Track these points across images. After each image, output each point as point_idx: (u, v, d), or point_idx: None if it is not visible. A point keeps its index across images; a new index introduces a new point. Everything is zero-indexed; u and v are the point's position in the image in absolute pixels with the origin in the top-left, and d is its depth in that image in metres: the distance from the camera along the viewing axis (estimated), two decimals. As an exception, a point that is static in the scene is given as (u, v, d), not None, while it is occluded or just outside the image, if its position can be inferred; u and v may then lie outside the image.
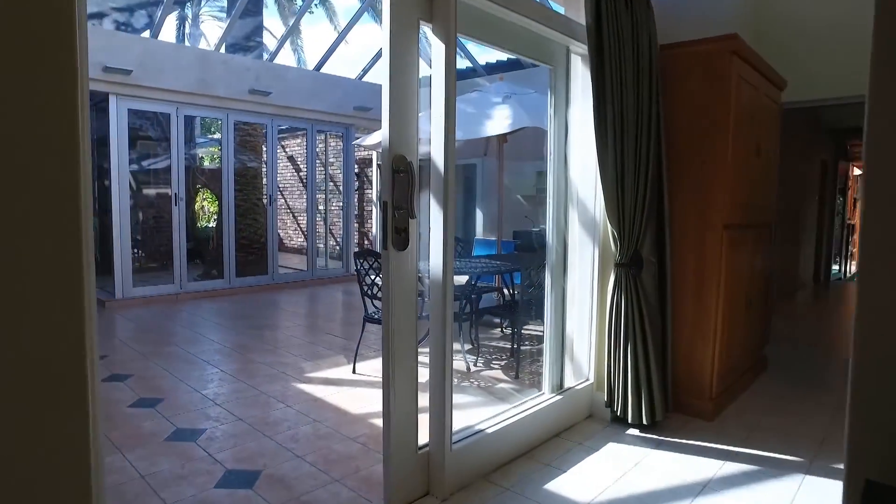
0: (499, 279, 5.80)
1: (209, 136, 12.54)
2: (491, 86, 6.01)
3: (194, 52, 7.30)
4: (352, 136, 9.50)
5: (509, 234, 9.19)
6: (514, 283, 5.60)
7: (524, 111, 5.05)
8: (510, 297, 5.49)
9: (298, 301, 7.66)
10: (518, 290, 4.95)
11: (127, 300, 6.96)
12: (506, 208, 9.26)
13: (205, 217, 12.75)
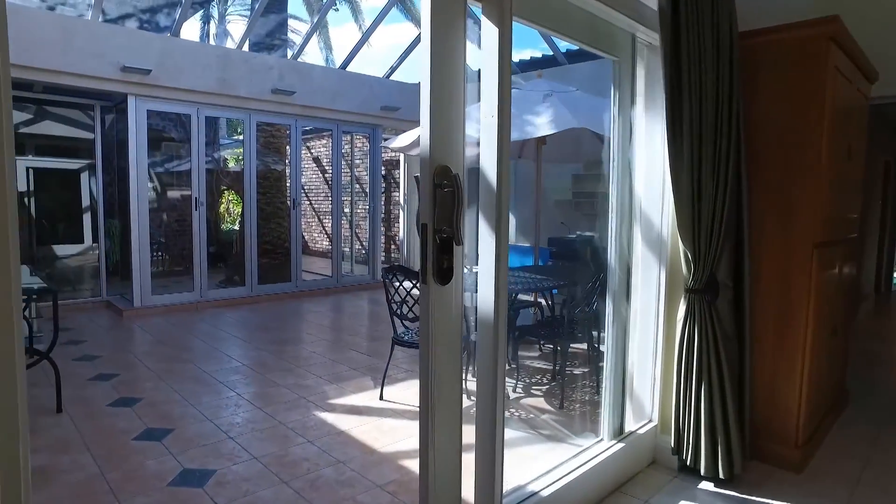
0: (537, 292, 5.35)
1: (234, 137, 12.33)
2: (528, 84, 5.56)
3: (215, 51, 7.00)
4: (379, 136, 9.12)
5: (543, 239, 8.72)
6: (553, 297, 5.15)
7: (568, 111, 4.59)
8: (551, 313, 5.03)
9: (322, 311, 7.30)
10: (561, 306, 4.50)
11: (146, 309, 6.69)
12: (541, 213, 8.79)
13: (229, 219, 12.54)
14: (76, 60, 5.93)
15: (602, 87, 7.17)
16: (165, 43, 6.55)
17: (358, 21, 12.46)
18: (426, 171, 1.75)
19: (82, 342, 5.43)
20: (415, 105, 9.20)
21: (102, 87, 6.24)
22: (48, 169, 8.84)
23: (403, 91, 9.08)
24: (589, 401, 4.08)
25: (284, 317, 6.83)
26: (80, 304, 6.97)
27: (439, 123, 1.75)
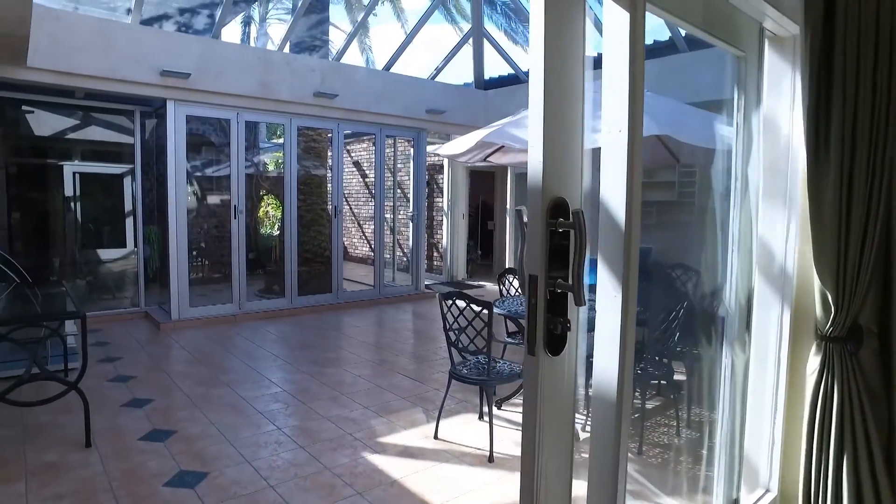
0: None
1: (273, 140, 12.13)
2: (593, 83, 5.05)
3: (256, 53, 6.72)
4: (423, 140, 8.73)
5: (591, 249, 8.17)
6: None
7: (648, 116, 4.06)
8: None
9: (364, 326, 6.94)
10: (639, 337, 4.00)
11: (183, 321, 6.44)
12: (596, 220, 8.24)
13: (269, 223, 12.36)
14: (116, 65, 5.71)
15: (668, 86, 6.61)
16: (205, 46, 6.29)
17: (400, 19, 12.14)
18: (536, 206, 1.31)
19: (118, 359, 5.18)
20: (461, 108, 8.80)
21: (141, 93, 6.01)
22: (93, 174, 8.77)
23: (449, 93, 8.67)
24: (672, 447, 3.58)
25: (325, 332, 6.49)
26: (119, 315, 6.78)
27: (555, 142, 1.31)
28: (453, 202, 10.50)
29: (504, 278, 4.65)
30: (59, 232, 7.30)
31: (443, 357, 5.43)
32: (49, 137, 8.20)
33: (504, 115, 9.08)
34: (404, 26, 12.32)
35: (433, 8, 8.39)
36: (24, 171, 8.09)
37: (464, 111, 8.87)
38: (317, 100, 7.22)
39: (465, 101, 8.91)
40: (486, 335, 3.30)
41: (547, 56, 1.27)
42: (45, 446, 3.38)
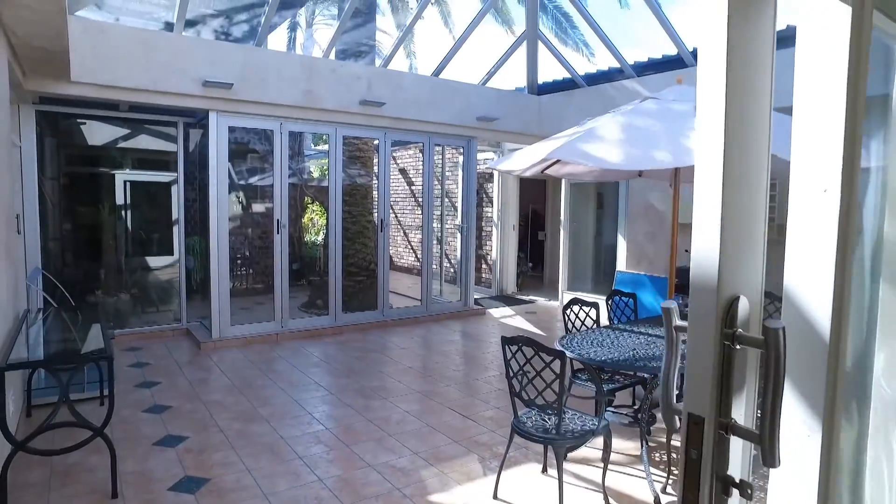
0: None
1: (317, 148, 11.95)
2: (667, 93, 4.51)
3: (300, 61, 6.44)
4: (474, 149, 8.30)
5: (661, 268, 7.55)
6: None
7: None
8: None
9: (411, 348, 6.55)
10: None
11: (224, 340, 6.21)
12: (658, 237, 7.64)
13: (314, 230, 12.18)
14: (158, 77, 5.51)
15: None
16: (247, 54, 6.04)
17: (448, 24, 11.74)
18: (703, 307, 0.85)
19: (156, 384, 4.95)
20: (513, 115, 8.30)
21: (184, 104, 5.80)
22: (141, 182, 8.73)
23: (501, 99, 8.21)
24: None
25: (370, 355, 6.13)
26: (160, 333, 6.60)
27: (737, 213, 0.85)
28: (503, 212, 10.02)
29: (570, 310, 4.16)
30: (106, 242, 7.22)
31: (497, 389, 4.98)
32: (97, 147, 8.18)
33: (559, 121, 8.60)
34: (452, 31, 11.93)
35: (485, 10, 7.94)
36: (74, 182, 8.09)
37: (516, 118, 8.40)
38: (363, 108, 6.89)
39: (518, 108, 8.43)
40: (557, 389, 2.83)
41: (729, 95, 0.82)
42: (70, 494, 3.11)
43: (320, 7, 9.83)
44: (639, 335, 3.79)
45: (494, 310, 8.74)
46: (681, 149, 3.54)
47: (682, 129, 3.73)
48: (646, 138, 3.76)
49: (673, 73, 6.93)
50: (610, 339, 3.60)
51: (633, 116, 4.11)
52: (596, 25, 7.11)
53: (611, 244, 10.57)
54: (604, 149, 3.70)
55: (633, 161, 3.59)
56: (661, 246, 7.55)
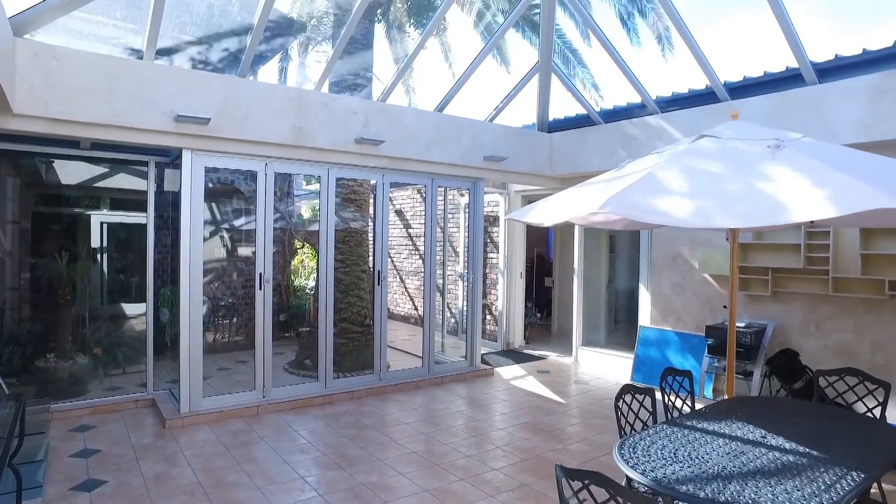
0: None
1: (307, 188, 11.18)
2: (723, 128, 3.77)
3: (288, 93, 5.70)
4: (481, 191, 7.55)
5: (691, 324, 6.73)
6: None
7: (854, 177, 2.73)
8: None
9: (414, 423, 5.63)
10: None
11: (195, 415, 5.27)
12: (686, 290, 6.84)
13: (305, 273, 11.30)
14: (122, 110, 4.73)
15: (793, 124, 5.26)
16: (228, 85, 5.30)
17: (448, 59, 11.19)
18: None
19: (100, 484, 3.99)
20: (524, 154, 7.44)
21: (153, 142, 5.02)
22: (119, 224, 7.91)
23: (510, 137, 7.52)
24: None
25: (367, 434, 5.20)
26: (121, 405, 5.64)
27: None
28: (510, 258, 9.23)
29: (622, 401, 3.29)
30: (65, 294, 6.31)
31: (521, 485, 4.07)
32: (61, 186, 7.37)
33: (573, 161, 7.87)
34: (452, 67, 11.37)
35: (489, 48, 7.32)
36: (34, 226, 7.25)
37: (526, 158, 7.69)
38: (359, 147, 6.14)
39: (528, 146, 7.73)
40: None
41: None
42: None
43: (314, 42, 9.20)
44: (716, 437, 2.93)
45: (503, 368, 7.85)
46: (766, 202, 2.76)
47: (757, 176, 2.96)
48: (717, 187, 2.99)
49: (702, 109, 6.28)
50: (683, 445, 2.75)
51: (692, 159, 3.34)
52: (618, 56, 6.46)
53: (625, 293, 9.77)
54: (669, 201, 2.91)
55: (707, 217, 2.80)
56: (689, 299, 6.75)
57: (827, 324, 5.58)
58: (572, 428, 5.44)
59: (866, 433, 3.12)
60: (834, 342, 5.53)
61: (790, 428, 3.12)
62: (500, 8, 9.44)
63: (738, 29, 10.01)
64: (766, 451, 2.75)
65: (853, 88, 5.14)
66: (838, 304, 5.50)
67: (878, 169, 3.00)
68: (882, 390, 3.70)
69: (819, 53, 5.42)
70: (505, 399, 6.41)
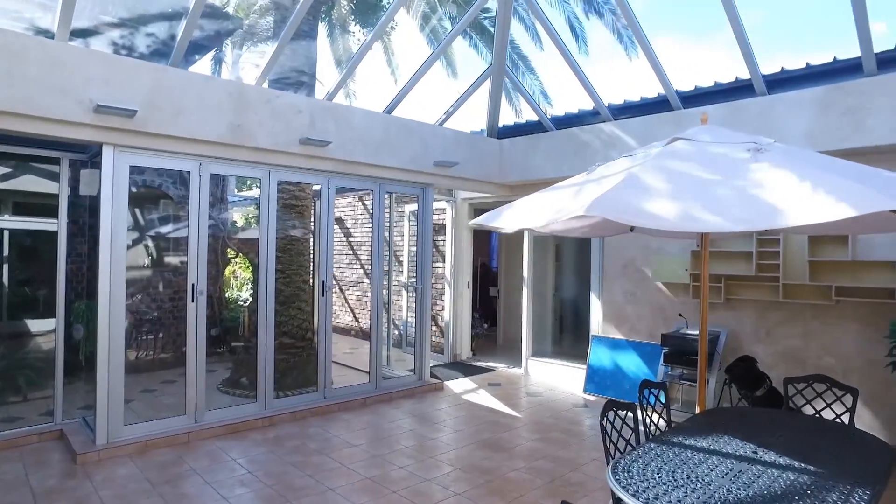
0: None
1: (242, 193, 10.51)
2: (696, 131, 3.67)
3: (227, 87, 5.21)
4: (430, 198, 7.26)
5: (644, 333, 6.70)
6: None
7: (853, 181, 2.65)
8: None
9: (363, 446, 5.22)
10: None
11: (114, 447, 4.63)
12: (639, 298, 6.81)
13: (237, 285, 10.56)
14: (27, 96, 4.10)
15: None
16: (158, 75, 4.75)
17: (391, 63, 10.86)
18: None
19: (-2, 536, 3.36)
20: (474, 160, 7.11)
21: (67, 135, 4.39)
22: (24, 231, 7.00)
23: (460, 143, 7.29)
24: None
25: (312, 459, 4.75)
26: (20, 438, 4.89)
27: None
28: (457, 268, 8.98)
29: (605, 419, 3.04)
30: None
31: (490, 514, 3.78)
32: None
33: (524, 168, 7.69)
34: (395, 72, 11.06)
35: (436, 56, 7.07)
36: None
37: (477, 164, 7.48)
38: (304, 148, 5.71)
39: (479, 152, 7.53)
40: None
41: None
42: None
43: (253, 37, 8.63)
44: (708, 454, 2.75)
45: (452, 382, 7.55)
46: (761, 205, 2.62)
47: (746, 179, 2.83)
48: (706, 190, 2.83)
49: (655, 117, 6.29)
50: (678, 466, 2.54)
51: (673, 162, 3.20)
52: (574, 62, 6.38)
53: (572, 302, 9.74)
54: (658, 204, 2.72)
55: (698, 220, 2.62)
56: (642, 308, 6.72)
57: (777, 330, 5.66)
58: (533, 444, 5.20)
59: (849, 443, 3.05)
60: (783, 348, 5.62)
61: (776, 440, 3.00)
62: (446, 12, 9.26)
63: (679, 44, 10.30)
64: (763, 469, 2.59)
65: (801, 100, 5.25)
66: (787, 311, 5.59)
67: (860, 173, 2.95)
68: (850, 396, 3.69)
69: (766, 66, 5.53)
70: (459, 415, 6.11)
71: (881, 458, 2.83)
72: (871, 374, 5.07)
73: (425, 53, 7.03)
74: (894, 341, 4.53)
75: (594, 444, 5.19)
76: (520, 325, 8.32)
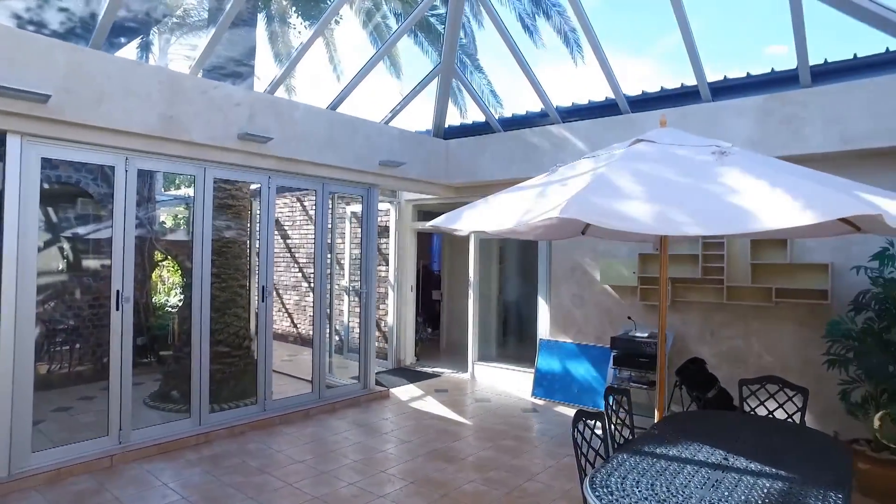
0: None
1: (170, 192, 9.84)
2: (656, 133, 3.64)
3: (158, 74, 4.76)
4: (375, 199, 7.00)
5: (592, 336, 6.73)
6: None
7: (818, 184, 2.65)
8: None
9: (309, 462, 4.91)
10: None
11: (20, 479, 4.09)
12: (587, 301, 6.83)
13: (164, 289, 9.86)
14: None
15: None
16: (76, 56, 4.27)
17: (333, 60, 10.49)
18: None
19: None
20: (420, 160, 6.93)
21: (-34, 121, 3.85)
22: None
23: (406, 142, 7.07)
24: None
25: (254, 480, 4.39)
26: None
27: None
28: (400, 271, 8.75)
29: (577, 430, 2.92)
30: None
31: (450, 531, 3.58)
32: None
33: (471, 170, 7.54)
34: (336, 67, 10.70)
35: (380, 56, 6.83)
36: None
37: (423, 164, 7.30)
38: (243, 144, 5.33)
39: (425, 153, 7.35)
40: None
41: None
42: None
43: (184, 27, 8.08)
44: (682, 463, 2.68)
45: (398, 389, 7.31)
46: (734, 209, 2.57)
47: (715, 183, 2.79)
48: (677, 193, 2.77)
49: (604, 120, 6.32)
50: (655, 476, 2.45)
51: (641, 164, 3.13)
52: (524, 62, 6.31)
53: (516, 305, 9.73)
54: (633, 206, 2.63)
55: (674, 224, 2.54)
56: (590, 311, 6.75)
57: (721, 331, 5.80)
58: (486, 453, 5.06)
59: (807, 444, 3.08)
60: (727, 348, 5.76)
61: (741, 445, 2.98)
62: (391, 9, 9.02)
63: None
64: (738, 477, 2.54)
65: (743, 108, 5.41)
66: (731, 312, 5.74)
67: (818, 178, 2.98)
68: (801, 396, 3.77)
69: (709, 74, 5.66)
70: (407, 424, 5.88)
71: (841, 458, 2.86)
72: (806, 372, 5.26)
73: (367, 50, 6.79)
74: (830, 340, 4.71)
75: (547, 451, 5.11)
76: (464, 329, 8.20)
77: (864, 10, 4.57)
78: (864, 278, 4.77)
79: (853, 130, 4.91)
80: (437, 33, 8.63)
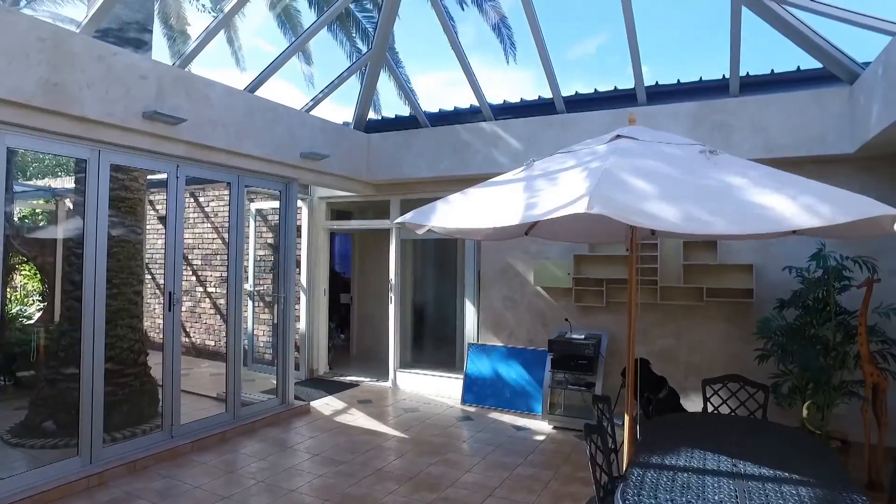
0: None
1: (35, 180, 8.33)
2: (632, 129, 3.52)
3: (39, 30, 3.84)
4: (294, 194, 6.36)
5: (524, 339, 6.61)
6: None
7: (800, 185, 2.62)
8: None
9: (236, 496, 4.24)
10: None
11: None
12: (519, 304, 6.70)
13: (19, 297, 8.31)
14: None
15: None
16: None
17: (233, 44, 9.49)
18: None
19: None
20: (342, 154, 6.30)
21: None
22: None
23: (328, 134, 6.51)
24: None
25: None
26: None
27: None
28: (312, 274, 8.11)
29: (590, 440, 2.66)
30: None
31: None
32: None
33: (395, 166, 7.08)
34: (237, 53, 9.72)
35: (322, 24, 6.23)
36: None
37: (345, 159, 6.78)
38: (148, 124, 4.51)
39: (348, 146, 6.83)
40: None
41: None
42: None
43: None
44: (702, 474, 2.53)
45: (318, 402, 6.71)
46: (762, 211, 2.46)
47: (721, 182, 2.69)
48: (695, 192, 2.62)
49: (539, 119, 6.23)
50: (683, 492, 2.26)
51: (637, 160, 2.97)
52: (463, 55, 6.04)
53: (436, 307, 9.42)
54: (657, 205, 2.43)
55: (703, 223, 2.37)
56: (522, 314, 6.63)
57: (653, 330, 5.92)
58: (434, 468, 4.70)
59: (794, 443, 3.08)
60: (659, 347, 5.89)
61: (738, 449, 2.91)
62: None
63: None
64: (760, 485, 2.44)
65: (678, 112, 5.56)
66: (662, 312, 5.88)
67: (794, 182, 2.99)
68: (762, 393, 3.85)
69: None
70: (339, 442, 5.35)
71: (830, 454, 2.89)
72: (732, 366, 5.48)
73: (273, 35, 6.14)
74: (760, 336, 4.95)
75: (496, 462, 4.86)
76: (375, 334, 7.77)
77: (792, 27, 4.85)
78: (785, 277, 5.07)
79: (775, 140, 5.22)
80: (354, 20, 8.13)
